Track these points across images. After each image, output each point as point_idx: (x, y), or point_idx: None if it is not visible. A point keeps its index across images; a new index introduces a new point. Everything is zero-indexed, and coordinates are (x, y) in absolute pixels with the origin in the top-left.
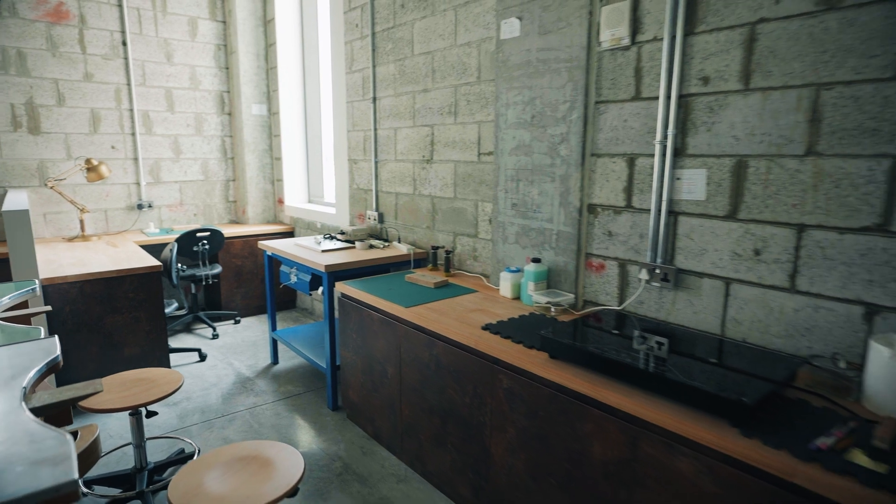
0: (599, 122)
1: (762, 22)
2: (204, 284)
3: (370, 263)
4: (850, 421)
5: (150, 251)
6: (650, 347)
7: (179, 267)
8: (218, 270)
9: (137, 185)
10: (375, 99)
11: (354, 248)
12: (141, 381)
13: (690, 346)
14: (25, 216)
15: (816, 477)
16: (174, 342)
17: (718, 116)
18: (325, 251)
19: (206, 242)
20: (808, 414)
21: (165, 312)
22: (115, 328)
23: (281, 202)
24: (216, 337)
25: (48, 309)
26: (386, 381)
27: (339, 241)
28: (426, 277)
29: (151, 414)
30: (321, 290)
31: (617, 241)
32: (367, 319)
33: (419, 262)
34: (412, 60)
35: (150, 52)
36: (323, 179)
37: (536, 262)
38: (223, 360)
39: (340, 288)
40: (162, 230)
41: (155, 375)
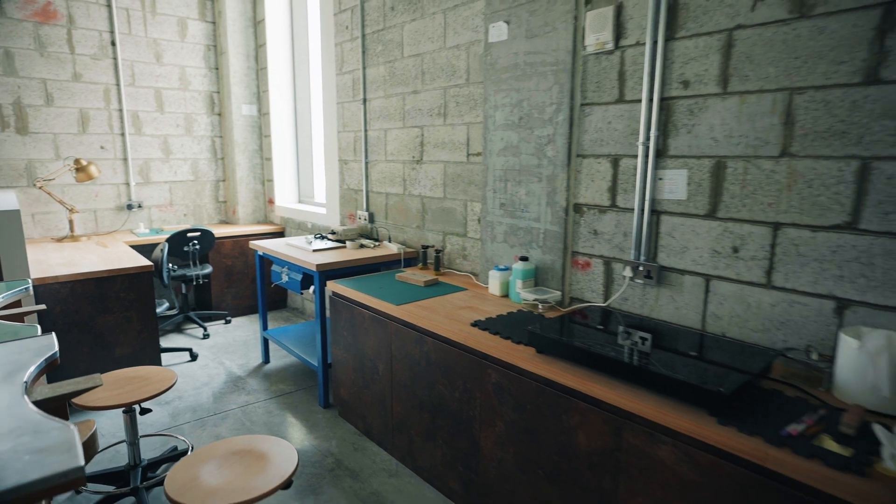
0: (585, 123)
1: (739, 28)
2: (194, 284)
3: (361, 263)
4: (819, 409)
5: (140, 251)
6: (634, 342)
7: (170, 267)
8: (208, 270)
9: (127, 185)
10: (366, 100)
11: (345, 247)
12: (134, 378)
13: (672, 340)
14: (17, 216)
15: (786, 461)
16: (165, 342)
17: (698, 119)
18: (316, 251)
19: (196, 242)
20: (781, 403)
21: (157, 312)
22: (106, 328)
23: (271, 202)
24: (207, 337)
25: (42, 307)
26: (377, 377)
27: (330, 240)
28: (416, 276)
29: (145, 411)
30: (312, 289)
31: (602, 239)
32: (358, 317)
33: (409, 261)
34: (402, 62)
35: (139, 52)
36: (313, 180)
37: (524, 260)
38: (214, 359)
39: (332, 287)
40: (152, 230)
41: (148, 373)
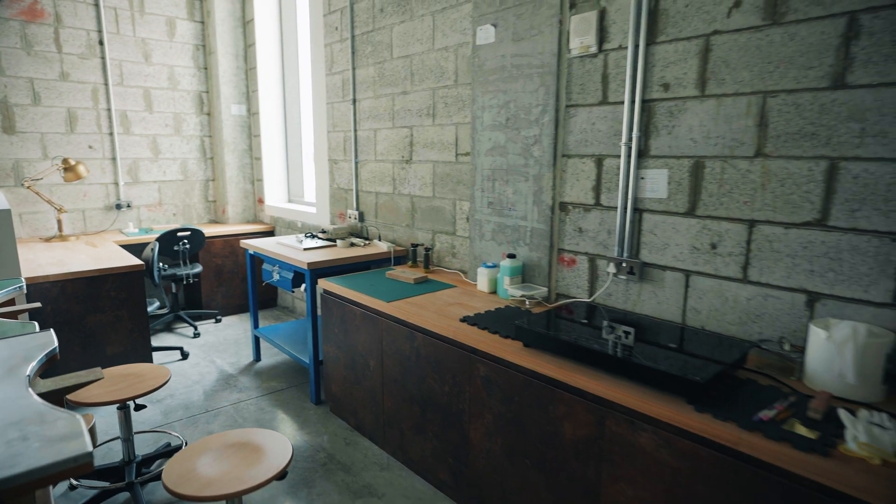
0: (570, 124)
1: (716, 34)
2: (184, 284)
3: (351, 261)
4: (790, 396)
5: (129, 251)
6: (617, 336)
7: (161, 266)
8: (199, 270)
9: (116, 184)
10: (355, 100)
11: (336, 246)
12: (129, 375)
13: (654, 333)
14: (7, 216)
15: (757, 444)
16: (155, 341)
17: (678, 120)
18: (307, 249)
19: (186, 242)
20: (754, 391)
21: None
22: (97, 327)
23: (261, 202)
24: (198, 335)
25: (37, 305)
26: (368, 373)
27: (320, 239)
28: (406, 274)
29: (140, 407)
30: (303, 287)
31: (587, 237)
32: (349, 315)
33: (399, 259)
34: (391, 63)
35: (127, 51)
36: (303, 179)
37: (511, 257)
38: (205, 357)
39: (323, 285)
40: (141, 230)
41: (142, 370)
